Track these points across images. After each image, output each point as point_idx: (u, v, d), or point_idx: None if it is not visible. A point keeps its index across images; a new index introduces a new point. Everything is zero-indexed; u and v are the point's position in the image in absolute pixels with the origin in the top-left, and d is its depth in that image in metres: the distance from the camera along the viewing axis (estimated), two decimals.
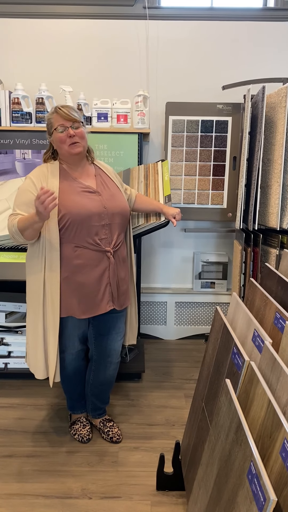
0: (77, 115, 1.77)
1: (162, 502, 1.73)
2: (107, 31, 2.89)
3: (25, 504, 1.71)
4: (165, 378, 2.69)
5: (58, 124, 1.76)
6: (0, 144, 2.62)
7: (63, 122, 1.75)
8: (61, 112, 1.75)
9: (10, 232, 1.74)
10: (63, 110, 1.75)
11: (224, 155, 2.85)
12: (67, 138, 1.76)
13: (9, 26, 2.88)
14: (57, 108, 1.77)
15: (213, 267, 3.18)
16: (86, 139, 1.83)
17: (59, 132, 1.76)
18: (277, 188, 2.38)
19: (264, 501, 0.87)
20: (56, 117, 1.76)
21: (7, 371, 2.58)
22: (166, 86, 2.97)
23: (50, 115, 1.80)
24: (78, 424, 2.12)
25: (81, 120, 1.79)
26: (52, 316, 1.81)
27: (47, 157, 1.89)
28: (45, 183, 1.77)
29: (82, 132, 1.79)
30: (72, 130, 1.75)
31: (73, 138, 1.76)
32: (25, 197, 1.75)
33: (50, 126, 1.80)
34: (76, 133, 1.76)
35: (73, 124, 1.76)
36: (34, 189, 1.76)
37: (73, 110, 1.78)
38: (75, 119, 1.76)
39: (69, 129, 1.75)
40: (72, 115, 1.75)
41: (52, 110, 1.80)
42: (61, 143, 1.78)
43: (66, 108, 1.77)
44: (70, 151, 1.78)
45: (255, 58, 2.94)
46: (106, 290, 1.85)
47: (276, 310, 1.49)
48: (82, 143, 1.79)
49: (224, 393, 1.24)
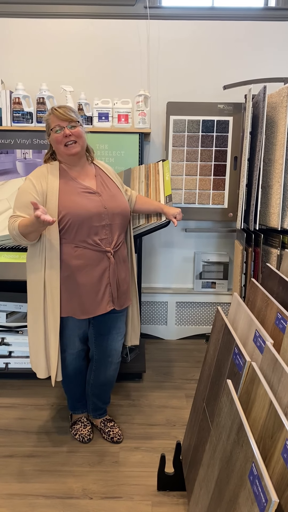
0: (73, 115, 1.77)
1: (163, 503, 1.73)
2: (108, 31, 2.89)
3: (25, 504, 1.71)
4: (166, 378, 2.69)
5: (55, 125, 1.76)
6: (1, 144, 2.62)
7: (60, 123, 1.75)
8: (57, 113, 1.75)
9: (11, 234, 1.74)
10: (59, 110, 1.76)
11: (225, 155, 2.85)
12: (63, 138, 1.76)
13: (10, 25, 2.88)
14: (53, 109, 1.77)
15: (214, 267, 3.18)
16: (84, 139, 1.83)
17: (55, 132, 1.76)
18: (278, 188, 2.38)
19: (266, 502, 0.87)
20: (53, 117, 1.77)
21: (8, 371, 2.58)
22: (167, 86, 2.97)
23: (47, 116, 1.80)
24: (79, 424, 2.12)
25: (77, 120, 1.78)
26: (52, 316, 1.81)
27: (47, 157, 1.89)
28: (45, 184, 1.77)
29: (79, 131, 1.78)
30: (69, 129, 1.75)
31: (70, 138, 1.76)
32: (25, 198, 1.75)
33: (48, 127, 1.80)
34: (73, 133, 1.76)
35: (70, 124, 1.76)
36: (34, 191, 1.75)
37: (69, 110, 1.77)
38: (72, 118, 1.75)
39: (65, 129, 1.75)
40: (68, 115, 1.75)
41: (49, 111, 1.80)
42: (58, 144, 1.78)
43: (63, 108, 1.77)
44: (66, 152, 1.78)
45: (256, 57, 2.93)
46: (106, 291, 1.85)
47: (278, 310, 1.49)
48: (80, 143, 1.79)
49: (225, 393, 1.24)
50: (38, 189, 1.75)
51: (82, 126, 1.83)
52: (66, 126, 1.75)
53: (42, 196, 1.75)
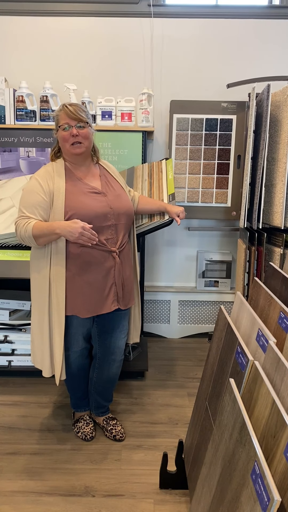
0: (83, 115, 1.75)
1: (165, 501, 1.73)
2: (111, 29, 2.89)
3: (28, 502, 1.72)
4: (168, 377, 2.69)
5: (63, 122, 1.75)
6: (4, 142, 2.63)
7: (69, 121, 1.74)
8: (67, 110, 1.74)
9: (20, 234, 1.73)
10: (69, 108, 1.74)
11: (228, 153, 2.84)
12: (70, 137, 1.75)
13: (14, 24, 2.88)
14: (64, 106, 1.76)
15: (217, 266, 3.18)
16: (91, 140, 1.82)
17: (63, 130, 1.76)
18: (282, 187, 2.37)
19: (268, 501, 0.87)
20: (63, 114, 1.76)
21: (11, 369, 2.58)
22: (170, 84, 2.97)
23: (58, 112, 1.79)
24: (81, 422, 2.13)
25: (87, 121, 1.77)
26: (57, 314, 1.81)
27: (53, 154, 1.88)
28: (51, 183, 1.77)
29: (86, 132, 1.77)
30: (76, 129, 1.74)
31: (76, 138, 1.75)
32: (33, 198, 1.75)
33: (56, 122, 1.80)
34: (80, 133, 1.75)
35: (78, 123, 1.75)
36: (41, 191, 1.75)
37: (80, 110, 1.76)
38: (81, 118, 1.74)
39: (73, 128, 1.74)
40: (78, 114, 1.74)
41: (60, 106, 1.80)
42: (64, 142, 1.78)
43: (74, 106, 1.75)
44: (71, 151, 1.78)
45: (260, 56, 2.92)
46: (111, 290, 1.85)
47: (281, 309, 1.49)
48: (85, 144, 1.78)
49: (228, 392, 1.24)
50: (45, 189, 1.75)
51: (91, 127, 1.81)
52: (74, 125, 1.74)
53: (50, 196, 1.75)
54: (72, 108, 1.74)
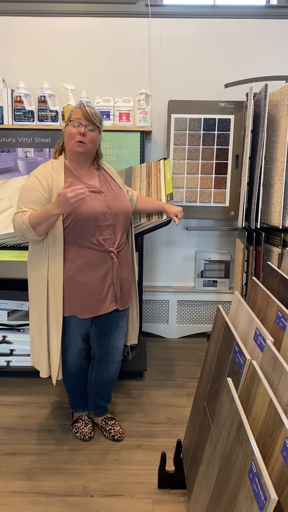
0: (96, 120, 1.78)
1: (164, 500, 1.73)
2: (109, 29, 2.89)
3: (27, 502, 1.72)
4: (167, 377, 2.69)
5: (75, 118, 1.77)
6: (2, 143, 2.62)
7: (81, 119, 1.76)
8: (83, 109, 1.76)
9: (18, 228, 1.72)
10: (86, 108, 1.77)
11: (226, 153, 2.84)
12: (77, 135, 1.76)
13: (12, 24, 2.88)
14: (82, 104, 1.79)
15: (215, 266, 3.18)
16: (95, 145, 1.84)
17: (72, 126, 1.77)
18: (280, 186, 2.37)
19: (265, 500, 0.87)
20: (78, 112, 1.77)
21: (10, 369, 2.58)
22: (168, 84, 2.97)
23: (74, 108, 1.81)
24: (80, 422, 2.13)
25: (98, 125, 1.79)
26: (55, 315, 1.81)
27: (57, 148, 1.88)
28: (50, 181, 1.77)
29: (93, 136, 1.79)
30: (85, 130, 1.76)
31: (82, 137, 1.76)
32: (32, 195, 1.75)
33: (69, 117, 1.81)
34: (87, 135, 1.77)
35: (89, 125, 1.76)
36: (40, 187, 1.75)
37: (95, 114, 1.79)
38: (94, 122, 1.77)
39: (82, 127, 1.76)
40: (93, 117, 1.76)
41: (78, 104, 1.82)
42: (70, 138, 1.79)
43: (90, 108, 1.78)
44: (74, 148, 1.79)
45: (258, 56, 2.93)
46: (109, 290, 1.85)
47: (278, 309, 1.49)
48: (88, 147, 1.79)
49: (226, 391, 1.24)
50: (45, 186, 1.75)
51: (100, 134, 1.84)
52: (85, 124, 1.76)
53: (49, 193, 1.75)
54: (89, 109, 1.77)
